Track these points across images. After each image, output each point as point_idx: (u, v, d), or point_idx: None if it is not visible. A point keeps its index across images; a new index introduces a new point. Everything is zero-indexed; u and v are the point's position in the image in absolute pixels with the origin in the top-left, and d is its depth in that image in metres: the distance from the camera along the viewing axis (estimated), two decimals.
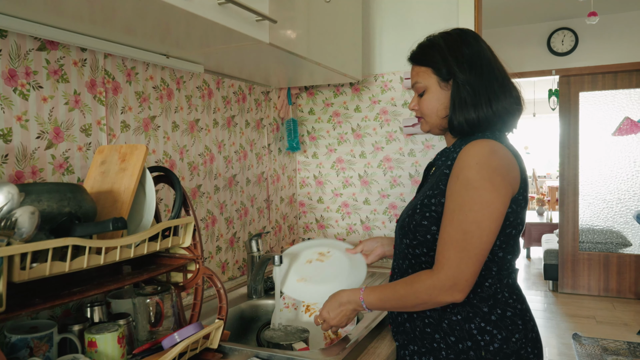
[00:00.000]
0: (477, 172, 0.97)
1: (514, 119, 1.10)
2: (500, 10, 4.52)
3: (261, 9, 1.19)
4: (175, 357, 0.97)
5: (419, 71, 1.13)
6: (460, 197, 0.97)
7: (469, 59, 1.07)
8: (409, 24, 2.05)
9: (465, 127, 1.07)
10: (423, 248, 1.06)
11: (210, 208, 1.68)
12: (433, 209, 1.04)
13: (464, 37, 1.10)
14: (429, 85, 1.11)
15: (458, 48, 1.08)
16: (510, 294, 1.06)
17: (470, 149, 1.00)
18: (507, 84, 1.09)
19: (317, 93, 2.23)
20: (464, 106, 1.06)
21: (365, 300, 1.10)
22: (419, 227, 1.05)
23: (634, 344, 3.58)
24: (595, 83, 4.79)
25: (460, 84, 1.06)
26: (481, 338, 1.02)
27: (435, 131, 1.16)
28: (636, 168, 4.73)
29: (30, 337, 0.89)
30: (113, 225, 0.83)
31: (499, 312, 1.03)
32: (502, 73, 1.10)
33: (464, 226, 0.96)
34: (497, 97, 1.06)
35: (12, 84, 1.03)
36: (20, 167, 1.05)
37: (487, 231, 0.96)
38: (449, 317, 1.04)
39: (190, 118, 1.57)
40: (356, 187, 2.19)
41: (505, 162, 1.00)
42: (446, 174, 1.04)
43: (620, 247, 4.79)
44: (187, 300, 1.43)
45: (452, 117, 1.08)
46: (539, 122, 9.38)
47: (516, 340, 1.03)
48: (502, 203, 0.97)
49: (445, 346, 1.04)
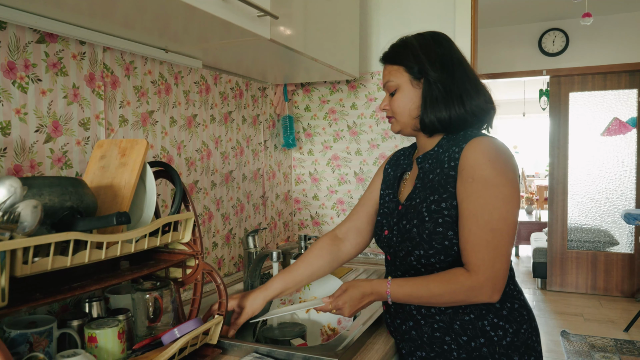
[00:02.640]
0: (493, 169, 0.98)
1: (489, 118, 1.12)
2: (492, 10, 4.55)
3: (263, 4, 1.19)
4: (175, 353, 0.97)
5: (391, 70, 1.14)
6: (481, 196, 0.97)
7: (441, 58, 1.08)
8: (405, 23, 2.06)
9: (437, 126, 1.08)
10: (440, 256, 1.04)
11: (206, 204, 1.67)
12: (446, 213, 1.02)
13: (437, 38, 1.12)
14: (401, 84, 1.11)
15: (430, 47, 1.10)
16: (514, 286, 1.09)
17: (477, 147, 1.01)
18: (479, 85, 1.10)
19: (313, 90, 2.23)
20: (435, 104, 1.07)
21: (393, 294, 1.06)
22: (433, 235, 1.03)
23: (621, 341, 3.64)
24: (585, 84, 4.85)
25: (431, 82, 1.07)
26: (494, 334, 1.03)
27: (406, 131, 1.15)
28: (624, 168, 4.80)
29: (30, 332, 0.89)
30: (117, 219, 0.82)
31: (508, 306, 1.05)
32: (474, 74, 1.11)
33: (491, 225, 0.97)
34: (469, 95, 1.07)
35: (11, 76, 1.02)
36: (18, 160, 1.03)
37: (513, 225, 0.99)
38: (461, 318, 1.04)
39: (187, 113, 1.56)
40: (351, 184, 2.19)
41: (510, 155, 1.03)
42: (452, 175, 1.03)
43: (608, 246, 4.86)
44: (184, 295, 1.43)
45: (423, 115, 1.08)
46: (528, 121, 9.47)
47: (524, 331, 1.05)
48: (518, 196, 1.00)
49: (457, 347, 1.04)
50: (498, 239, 0.97)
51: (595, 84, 4.82)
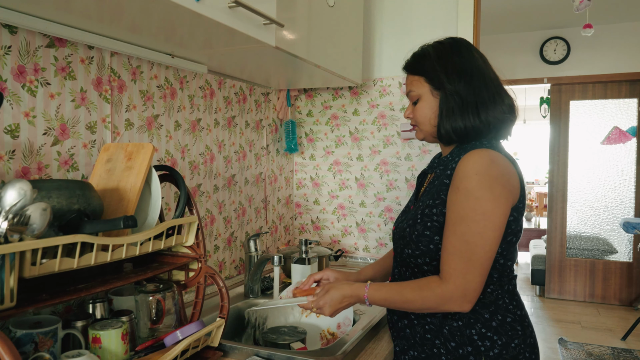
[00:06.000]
0: (478, 182, 0.97)
1: (506, 128, 1.11)
2: (495, 18, 4.58)
3: (269, 12, 1.21)
4: (177, 355, 0.99)
5: (413, 80, 1.15)
6: (462, 208, 0.98)
7: (459, 69, 1.08)
8: (408, 31, 2.08)
9: (453, 136, 1.08)
10: (426, 258, 1.06)
11: (209, 207, 1.69)
12: (435, 219, 1.05)
13: (456, 46, 1.12)
14: (422, 94, 1.12)
15: (448, 57, 1.10)
16: (511, 300, 1.08)
17: (470, 158, 1.01)
18: (499, 93, 1.09)
19: (316, 95, 2.25)
20: (451, 115, 1.07)
21: (370, 298, 1.10)
22: (421, 237, 1.06)
23: (618, 349, 3.64)
24: (586, 92, 4.87)
25: (448, 94, 1.08)
26: (481, 343, 1.03)
27: (429, 139, 1.18)
28: (623, 177, 4.82)
29: (36, 332, 0.90)
30: (124, 223, 0.84)
31: (499, 318, 1.05)
32: (495, 82, 1.10)
33: (467, 237, 0.97)
34: (485, 106, 1.06)
35: (21, 80, 1.04)
36: (26, 162, 1.05)
37: (490, 241, 0.98)
38: (450, 324, 1.06)
39: (192, 117, 1.58)
40: (352, 189, 2.21)
41: (505, 171, 1.01)
42: (446, 183, 1.04)
43: (607, 254, 4.88)
44: (186, 298, 1.44)
45: (439, 125, 1.10)
46: (528, 128, 9.49)
47: (515, 345, 1.05)
48: (502, 213, 0.98)
49: (446, 351, 1.06)
50: (472, 251, 0.97)
51: (596, 93, 4.84)
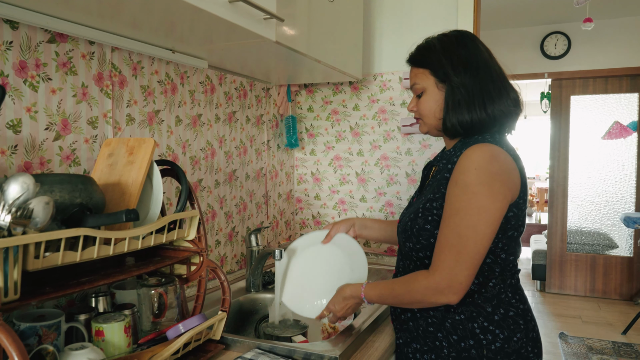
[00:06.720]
0: (476, 177, 0.97)
1: (511, 121, 1.10)
2: (495, 13, 4.57)
3: (269, 7, 1.21)
4: (179, 348, 1.00)
5: (417, 72, 1.14)
6: (458, 201, 0.98)
7: (465, 61, 1.07)
8: (408, 25, 2.08)
9: (459, 129, 1.07)
10: (427, 251, 1.07)
11: (210, 202, 1.70)
12: (435, 212, 1.05)
13: (461, 38, 1.11)
14: (427, 87, 1.12)
15: (453, 50, 1.08)
16: (513, 294, 1.08)
17: (471, 153, 1.00)
18: (504, 86, 1.09)
19: (317, 91, 2.25)
20: (457, 108, 1.06)
21: (366, 297, 1.14)
22: (422, 231, 1.06)
23: (619, 344, 3.66)
24: (587, 87, 4.87)
25: (454, 86, 1.06)
26: (483, 337, 1.04)
27: (433, 132, 1.17)
28: (624, 171, 4.82)
29: (40, 325, 0.91)
30: (126, 216, 0.84)
31: (502, 312, 1.05)
32: (500, 75, 1.10)
33: (459, 230, 0.97)
34: (492, 99, 1.05)
35: (23, 75, 1.04)
36: (28, 157, 1.06)
37: (482, 235, 0.97)
38: (452, 317, 1.06)
39: (193, 113, 1.59)
40: (353, 184, 2.21)
41: (506, 167, 1.00)
42: (447, 177, 1.04)
43: (607, 249, 4.88)
44: (188, 292, 1.45)
45: (445, 118, 1.09)
46: (529, 123, 9.48)
47: (517, 339, 1.05)
48: (498, 209, 0.98)
49: (448, 345, 1.06)
50: (463, 244, 0.97)
51: (597, 88, 4.84)
